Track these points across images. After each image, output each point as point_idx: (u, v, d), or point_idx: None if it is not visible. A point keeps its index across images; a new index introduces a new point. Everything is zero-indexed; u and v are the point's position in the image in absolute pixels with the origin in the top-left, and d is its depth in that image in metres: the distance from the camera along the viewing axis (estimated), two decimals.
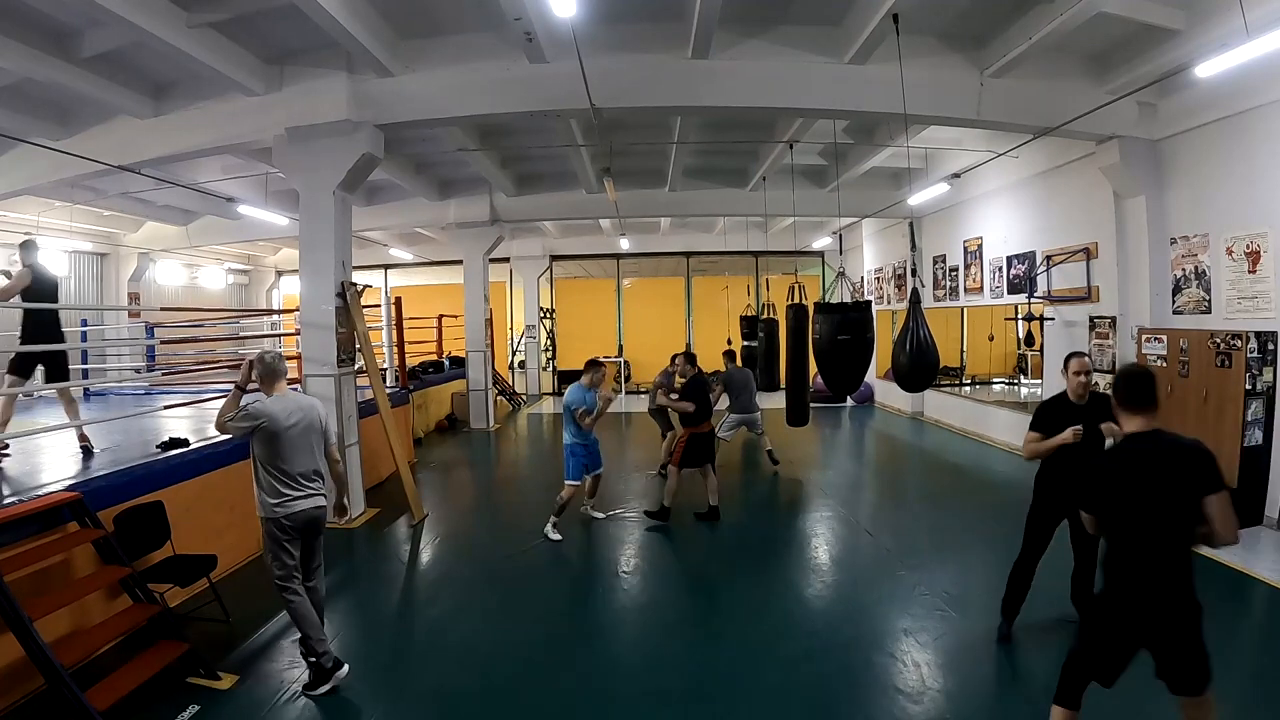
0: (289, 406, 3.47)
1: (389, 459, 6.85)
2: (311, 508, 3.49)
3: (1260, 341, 5.34)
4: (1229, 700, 3.19)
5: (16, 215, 10.20)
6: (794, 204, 9.98)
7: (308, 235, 6.30)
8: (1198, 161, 6.10)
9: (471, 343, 11.59)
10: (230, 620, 4.14)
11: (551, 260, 16.51)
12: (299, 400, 3.59)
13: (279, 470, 3.40)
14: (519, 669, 3.66)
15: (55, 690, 2.91)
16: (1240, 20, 4.19)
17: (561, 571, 5.14)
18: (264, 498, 3.40)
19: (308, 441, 3.51)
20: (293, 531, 3.43)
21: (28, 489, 3.98)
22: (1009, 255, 8.81)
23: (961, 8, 5.55)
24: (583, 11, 4.53)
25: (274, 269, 17.79)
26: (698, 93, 6.00)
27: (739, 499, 6.99)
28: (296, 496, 3.42)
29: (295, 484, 3.42)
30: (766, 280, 13.78)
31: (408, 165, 9.89)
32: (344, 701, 3.36)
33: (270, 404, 3.43)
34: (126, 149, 6.74)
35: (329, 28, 4.91)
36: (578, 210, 11.77)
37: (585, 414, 5.60)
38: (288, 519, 3.39)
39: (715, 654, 3.78)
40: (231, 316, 13.32)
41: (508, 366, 16.38)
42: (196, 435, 5.47)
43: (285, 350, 10.41)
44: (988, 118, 6.20)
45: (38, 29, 5.19)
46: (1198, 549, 2.45)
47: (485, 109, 6.19)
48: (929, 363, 5.36)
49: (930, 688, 3.33)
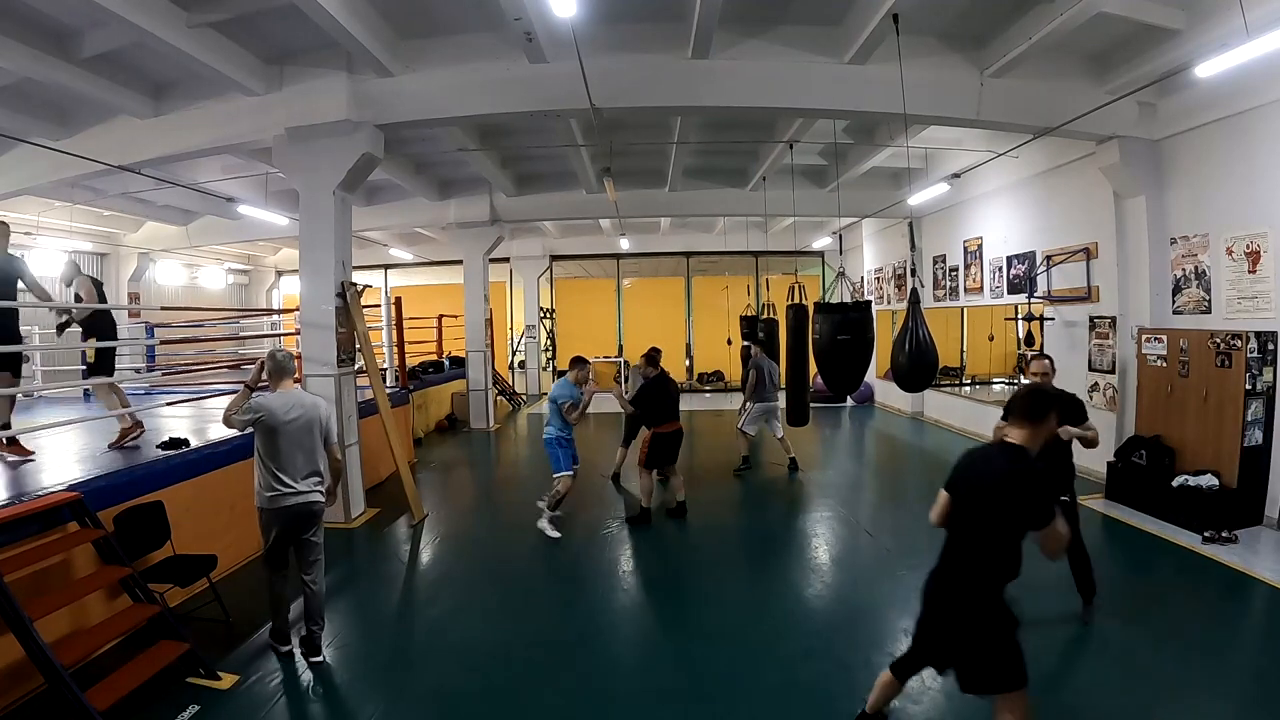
0: (290, 402, 3.59)
1: (389, 459, 6.85)
2: (300, 504, 3.58)
3: (1260, 341, 5.34)
4: (1229, 700, 3.21)
5: (16, 215, 10.17)
6: (794, 204, 9.98)
7: (308, 235, 6.30)
8: (1198, 161, 6.10)
9: (471, 343, 11.59)
10: (230, 620, 4.14)
11: (551, 260, 16.51)
12: (301, 397, 3.69)
13: (274, 464, 3.53)
14: (519, 669, 3.66)
15: (55, 690, 2.92)
16: (1240, 20, 4.19)
17: (561, 571, 5.13)
18: (259, 488, 3.57)
19: (306, 438, 3.61)
20: (282, 524, 3.57)
21: (28, 489, 3.98)
22: (1009, 255, 8.81)
23: (961, 8, 5.54)
24: (583, 11, 4.54)
25: (274, 269, 17.79)
26: (698, 93, 6.00)
27: (739, 499, 7.00)
28: (286, 492, 3.54)
29: (288, 479, 3.54)
30: (766, 280, 13.79)
31: (408, 165, 9.88)
32: (344, 701, 3.37)
33: (271, 399, 3.57)
34: (126, 149, 6.74)
35: (329, 28, 4.91)
36: (578, 210, 11.77)
37: (572, 408, 5.73)
38: (277, 512, 3.54)
39: (715, 654, 3.78)
40: (231, 316, 13.32)
41: (508, 366, 16.38)
42: (197, 435, 5.47)
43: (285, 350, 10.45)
44: (988, 118, 6.20)
45: (38, 29, 5.18)
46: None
47: (485, 109, 6.19)
48: (929, 363, 5.35)
49: (930, 688, 3.33)
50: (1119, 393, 6.85)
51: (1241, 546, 5.03)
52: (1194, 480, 5.53)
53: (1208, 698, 3.21)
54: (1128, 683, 3.36)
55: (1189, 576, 4.72)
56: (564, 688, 3.47)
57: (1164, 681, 3.36)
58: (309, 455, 3.62)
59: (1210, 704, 3.17)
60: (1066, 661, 3.52)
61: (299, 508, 3.58)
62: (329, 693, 3.43)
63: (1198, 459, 5.71)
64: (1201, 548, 5.06)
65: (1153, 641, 3.78)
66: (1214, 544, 5.07)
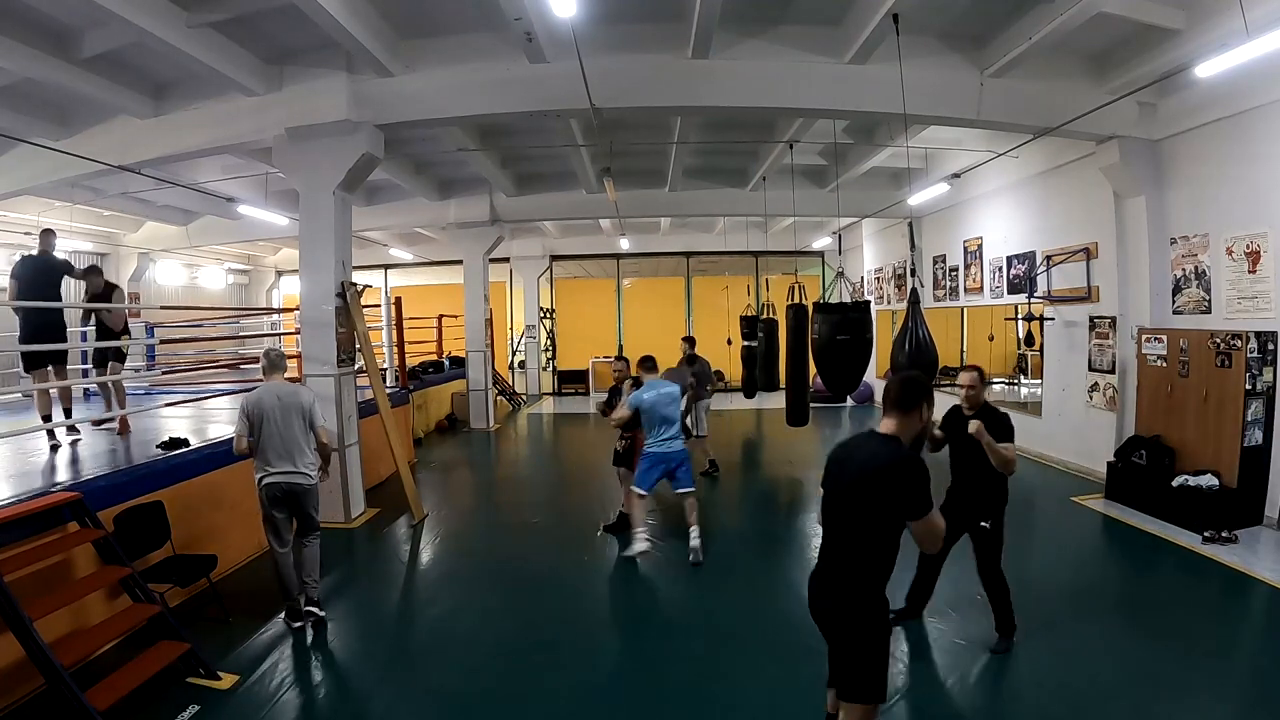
0: (274, 391, 4.11)
1: (389, 459, 6.85)
2: (286, 482, 4.01)
3: (1260, 341, 5.34)
4: (1229, 700, 3.21)
5: (16, 215, 10.19)
6: (794, 204, 9.98)
7: (308, 235, 6.30)
8: (1198, 161, 6.10)
9: (471, 343, 11.58)
10: (230, 620, 4.15)
11: (551, 260, 16.50)
12: (282, 388, 4.18)
13: (261, 447, 4.01)
14: (519, 669, 3.66)
15: (55, 690, 2.92)
16: (1240, 20, 4.19)
17: (561, 572, 5.13)
18: (254, 471, 4.06)
19: (291, 422, 4.07)
20: (274, 499, 4.00)
21: (28, 489, 3.98)
22: (1009, 255, 8.81)
23: (961, 8, 5.54)
24: (582, 11, 4.53)
25: (274, 269, 17.78)
26: (698, 93, 6.00)
27: (738, 499, 6.99)
28: (273, 472, 3.99)
29: (273, 460, 3.99)
30: (766, 280, 13.75)
31: (408, 165, 9.88)
32: (345, 701, 3.37)
33: (256, 392, 4.11)
34: (126, 149, 6.74)
35: (329, 28, 4.91)
36: (578, 210, 11.77)
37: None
38: (266, 489, 3.99)
39: (715, 654, 3.78)
40: (231, 316, 13.32)
41: (508, 366, 16.37)
42: (197, 435, 5.47)
43: (286, 350, 10.45)
44: (988, 118, 6.20)
45: (38, 29, 5.18)
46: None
47: (485, 109, 6.19)
48: (928, 362, 5.35)
49: (930, 687, 3.33)
50: (1119, 393, 6.85)
51: (1241, 546, 5.03)
52: (1194, 480, 5.53)
53: (1208, 698, 3.21)
54: (1128, 683, 3.36)
55: (1189, 576, 4.72)
56: (564, 687, 3.46)
57: (1164, 681, 3.36)
58: (291, 440, 4.04)
59: (1210, 704, 3.17)
60: (1067, 662, 3.52)
61: (284, 485, 4.00)
62: (329, 692, 3.43)
63: (1198, 459, 5.71)
64: (1201, 548, 5.06)
65: (1153, 642, 3.77)
66: (1214, 544, 5.07)
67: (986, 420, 3.50)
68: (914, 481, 2.20)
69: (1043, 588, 4.33)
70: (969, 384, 3.67)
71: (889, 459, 2.25)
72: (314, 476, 4.14)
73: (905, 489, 2.20)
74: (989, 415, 3.57)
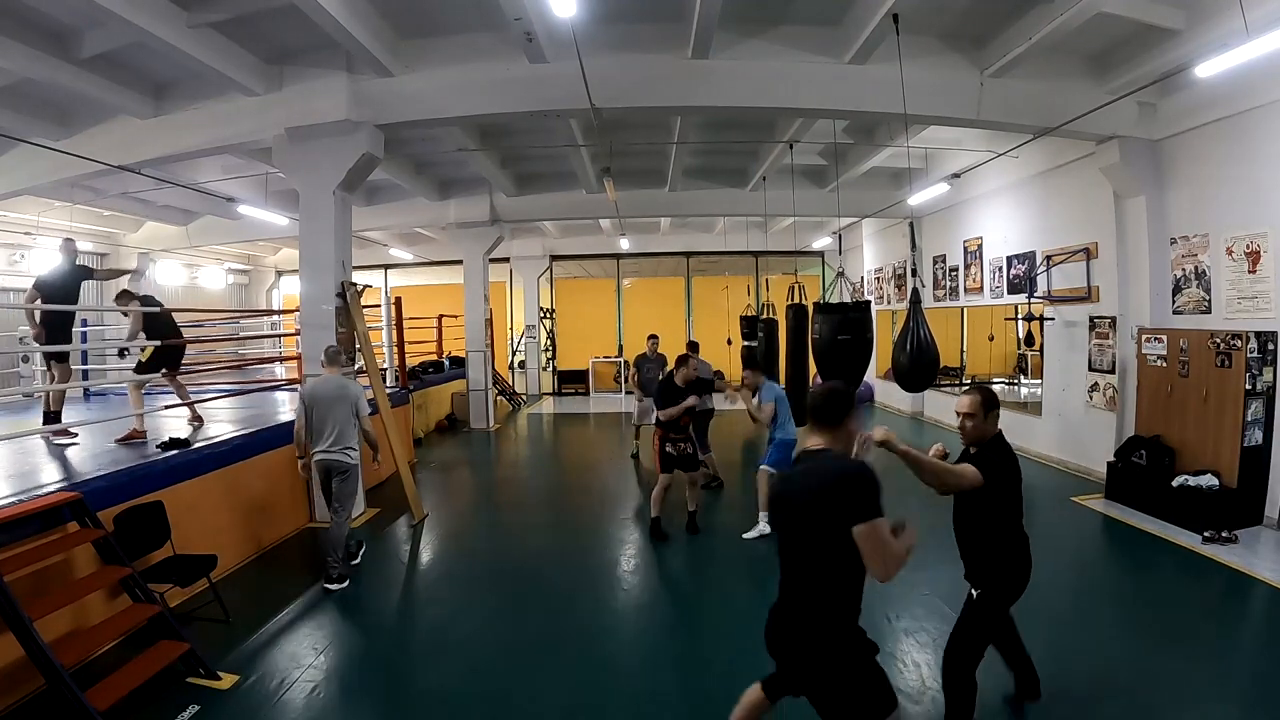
0: (327, 383, 4.86)
1: (389, 459, 6.85)
2: (327, 460, 4.79)
3: (1260, 341, 5.34)
4: (1229, 701, 3.21)
5: (16, 215, 10.21)
6: (794, 204, 9.98)
7: (308, 235, 6.30)
8: (1198, 161, 6.10)
9: (471, 343, 11.59)
10: (230, 620, 4.14)
11: (551, 260, 16.51)
12: (335, 380, 4.89)
13: (314, 429, 4.77)
14: (519, 669, 3.66)
15: (55, 690, 2.92)
16: (1240, 20, 4.19)
17: (562, 572, 5.13)
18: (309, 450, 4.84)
19: (338, 409, 4.78)
20: (320, 473, 4.84)
21: (28, 489, 3.98)
22: (1009, 255, 8.81)
23: (961, 8, 5.54)
24: (582, 11, 4.54)
25: (274, 269, 17.78)
26: (698, 93, 6.00)
27: (737, 499, 6.99)
28: (320, 449, 4.78)
29: (321, 441, 4.77)
30: (766, 280, 13.77)
31: (408, 165, 9.88)
32: (344, 701, 3.37)
33: (312, 382, 5.02)
34: (126, 149, 6.74)
35: (329, 28, 4.92)
36: (578, 210, 11.77)
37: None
38: (317, 464, 4.81)
39: (715, 654, 3.78)
40: (231, 316, 13.32)
41: (508, 366, 16.38)
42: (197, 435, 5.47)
43: (286, 350, 10.46)
44: (988, 118, 6.20)
45: (38, 29, 5.19)
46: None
47: (485, 109, 6.20)
48: (929, 362, 5.36)
49: (930, 688, 3.33)
50: (1119, 393, 6.85)
51: (1241, 546, 5.03)
52: (1194, 480, 5.53)
53: (1208, 698, 3.21)
54: (1128, 683, 3.36)
55: (1189, 577, 4.72)
56: (564, 688, 3.46)
57: (1164, 681, 3.36)
58: (338, 422, 4.77)
59: (1210, 704, 3.17)
60: (1066, 662, 3.52)
61: (327, 462, 4.79)
62: (329, 692, 3.42)
63: (1198, 459, 5.71)
64: (1201, 548, 5.06)
65: (1153, 642, 3.78)
66: (1214, 544, 5.07)
67: (984, 461, 2.68)
68: (861, 486, 2.06)
69: (1042, 588, 4.31)
70: (966, 410, 2.80)
71: (838, 470, 2.16)
72: (354, 459, 4.87)
73: (851, 493, 2.06)
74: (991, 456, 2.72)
